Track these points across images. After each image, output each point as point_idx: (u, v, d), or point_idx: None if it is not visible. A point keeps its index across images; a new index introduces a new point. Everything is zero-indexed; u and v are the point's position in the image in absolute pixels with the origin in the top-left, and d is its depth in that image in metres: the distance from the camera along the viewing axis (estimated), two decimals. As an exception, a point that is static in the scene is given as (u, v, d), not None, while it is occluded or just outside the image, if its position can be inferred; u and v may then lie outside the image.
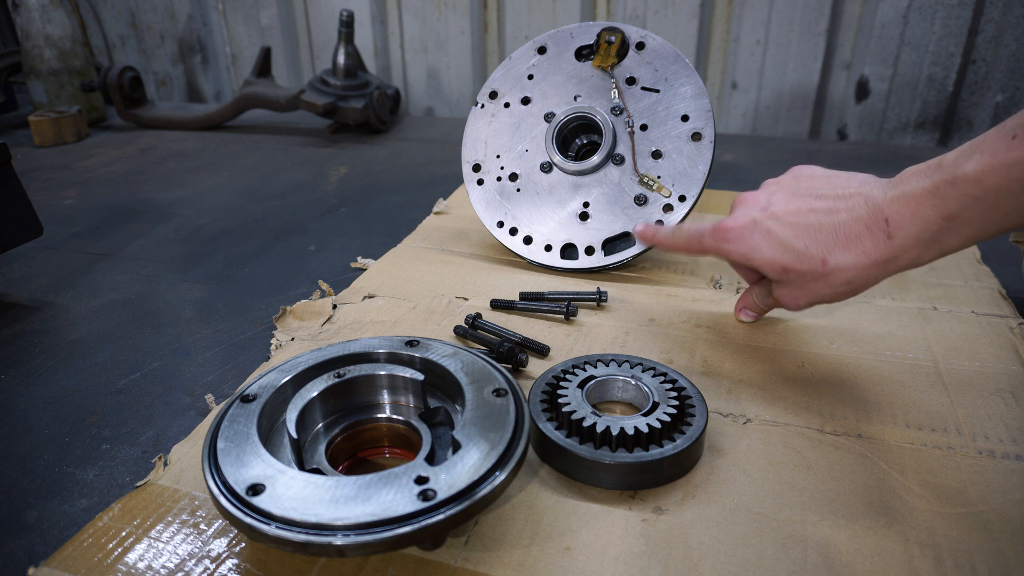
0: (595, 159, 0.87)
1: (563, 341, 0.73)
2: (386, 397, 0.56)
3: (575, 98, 0.90)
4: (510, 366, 0.67)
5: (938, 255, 0.55)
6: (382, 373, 0.55)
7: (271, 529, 0.40)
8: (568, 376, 0.60)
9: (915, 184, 0.54)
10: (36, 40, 1.78)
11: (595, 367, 0.62)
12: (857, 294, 0.61)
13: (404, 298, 0.82)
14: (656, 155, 0.86)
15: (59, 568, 0.46)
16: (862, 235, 0.57)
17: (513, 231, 0.91)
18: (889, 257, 0.57)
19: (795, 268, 0.61)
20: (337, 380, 0.54)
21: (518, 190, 0.91)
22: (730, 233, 0.65)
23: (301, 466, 0.49)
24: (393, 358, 0.57)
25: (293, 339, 0.74)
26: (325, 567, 0.46)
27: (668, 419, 0.54)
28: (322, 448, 0.52)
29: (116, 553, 0.47)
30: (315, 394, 0.52)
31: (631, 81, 0.87)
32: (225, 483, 0.44)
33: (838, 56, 1.72)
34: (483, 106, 0.94)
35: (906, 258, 0.56)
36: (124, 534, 0.49)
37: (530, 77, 0.92)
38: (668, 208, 0.84)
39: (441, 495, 0.42)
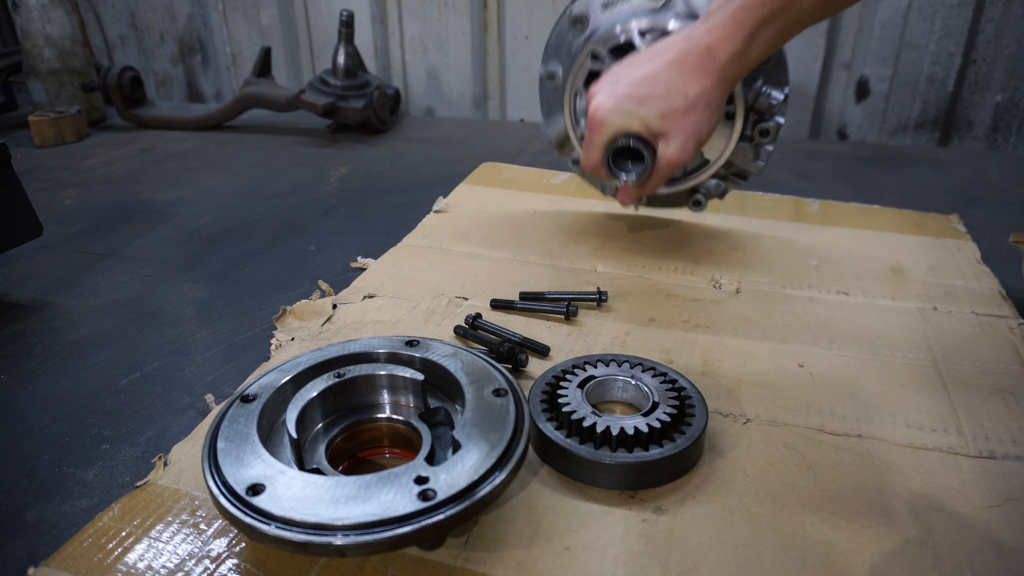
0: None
1: (563, 341, 0.73)
2: (386, 397, 0.56)
3: None
4: (510, 366, 0.67)
5: (755, 60, 0.71)
6: (382, 373, 0.55)
7: (271, 529, 0.40)
8: (568, 376, 0.60)
9: (721, 15, 0.69)
10: (36, 40, 1.77)
11: (595, 367, 0.62)
12: (718, 115, 0.74)
13: (404, 298, 0.82)
14: None
15: (59, 568, 0.46)
16: (698, 65, 0.70)
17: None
18: (722, 73, 0.70)
19: (671, 112, 0.71)
20: (337, 380, 0.54)
21: None
22: (598, 123, 0.74)
23: (301, 466, 0.49)
24: (393, 358, 0.57)
25: (293, 339, 0.74)
26: (325, 567, 0.46)
27: (668, 419, 0.54)
28: (322, 448, 0.52)
29: (116, 553, 0.47)
30: (315, 394, 0.52)
31: None
32: (225, 483, 0.44)
33: (838, 56, 1.72)
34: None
35: (731, 69, 0.71)
36: (124, 534, 0.49)
37: None
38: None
39: (441, 495, 0.42)
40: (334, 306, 0.80)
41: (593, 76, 0.86)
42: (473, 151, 1.57)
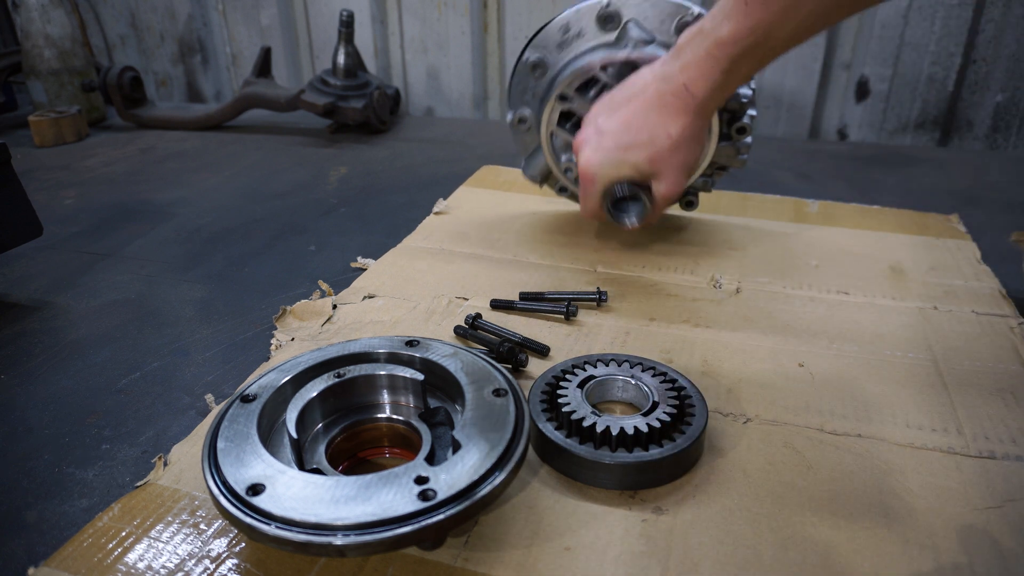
0: None
1: (563, 341, 0.73)
2: (386, 397, 0.56)
3: None
4: (510, 366, 0.67)
5: (732, 90, 0.72)
6: (382, 373, 0.55)
7: (271, 529, 0.40)
8: (568, 376, 0.60)
9: (693, 52, 0.69)
10: (36, 40, 1.77)
11: (595, 367, 0.62)
12: (702, 144, 0.78)
13: (404, 298, 0.82)
14: None
15: (59, 568, 0.46)
16: (677, 104, 0.71)
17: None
18: (700, 108, 0.71)
19: (658, 154, 0.73)
20: (337, 380, 0.54)
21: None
22: (590, 178, 0.77)
23: (301, 466, 0.49)
24: (393, 358, 0.57)
25: (293, 339, 0.74)
26: (325, 567, 0.46)
27: (668, 419, 0.54)
28: (322, 448, 0.52)
29: (116, 553, 0.47)
30: (315, 394, 0.52)
31: None
32: (225, 483, 0.44)
33: (838, 56, 1.72)
34: None
35: (711, 103, 0.72)
36: (124, 534, 0.49)
37: None
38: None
39: (441, 495, 0.42)
40: (334, 306, 0.80)
41: (565, 115, 0.89)
42: (473, 151, 1.57)
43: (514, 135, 0.96)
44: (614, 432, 0.52)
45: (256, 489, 0.43)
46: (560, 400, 0.56)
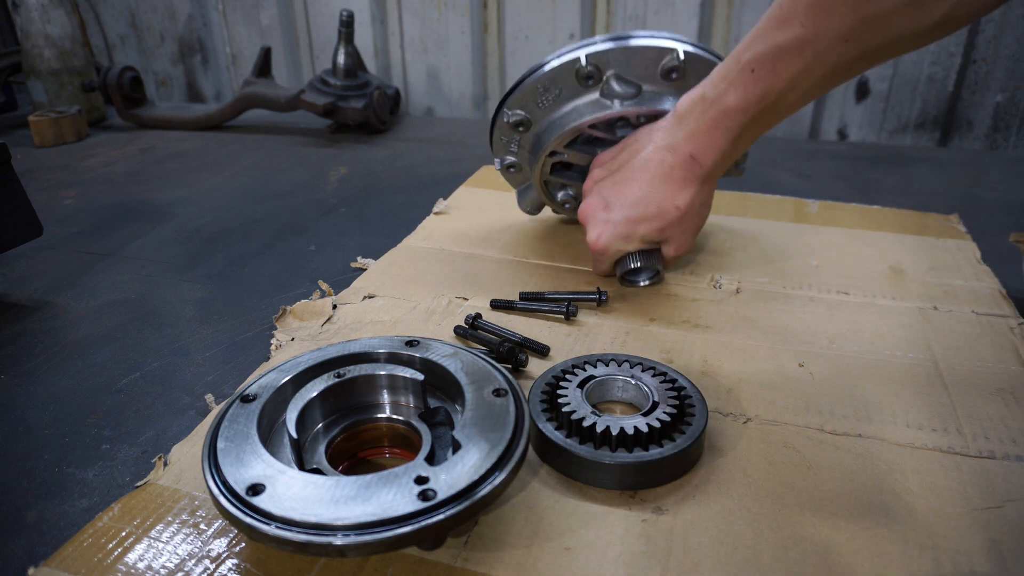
0: None
1: (563, 341, 0.73)
2: (386, 397, 0.56)
3: None
4: (510, 366, 0.67)
5: (737, 156, 0.72)
6: (382, 373, 0.55)
7: (271, 529, 0.40)
8: (568, 376, 0.60)
9: (698, 121, 0.68)
10: (36, 40, 1.77)
11: (595, 367, 0.62)
12: (709, 205, 0.78)
13: (404, 298, 0.82)
14: None
15: (59, 568, 0.46)
16: (684, 175, 0.71)
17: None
18: (708, 176, 0.72)
19: (667, 225, 0.74)
20: (337, 380, 0.54)
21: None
22: (601, 252, 0.78)
23: (301, 466, 0.49)
24: (393, 358, 0.57)
25: (293, 339, 0.74)
26: (325, 567, 0.46)
27: (668, 419, 0.54)
28: (322, 448, 0.52)
29: (116, 553, 0.47)
30: (315, 394, 0.52)
31: None
32: (225, 483, 0.44)
33: (838, 56, 1.72)
34: None
35: (718, 170, 0.72)
36: (124, 534, 0.49)
37: None
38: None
39: (441, 495, 0.42)
40: (334, 306, 0.80)
41: (556, 164, 0.89)
42: (473, 151, 1.57)
43: (504, 176, 0.96)
44: (614, 432, 0.52)
45: (256, 489, 0.43)
46: (560, 400, 0.56)
